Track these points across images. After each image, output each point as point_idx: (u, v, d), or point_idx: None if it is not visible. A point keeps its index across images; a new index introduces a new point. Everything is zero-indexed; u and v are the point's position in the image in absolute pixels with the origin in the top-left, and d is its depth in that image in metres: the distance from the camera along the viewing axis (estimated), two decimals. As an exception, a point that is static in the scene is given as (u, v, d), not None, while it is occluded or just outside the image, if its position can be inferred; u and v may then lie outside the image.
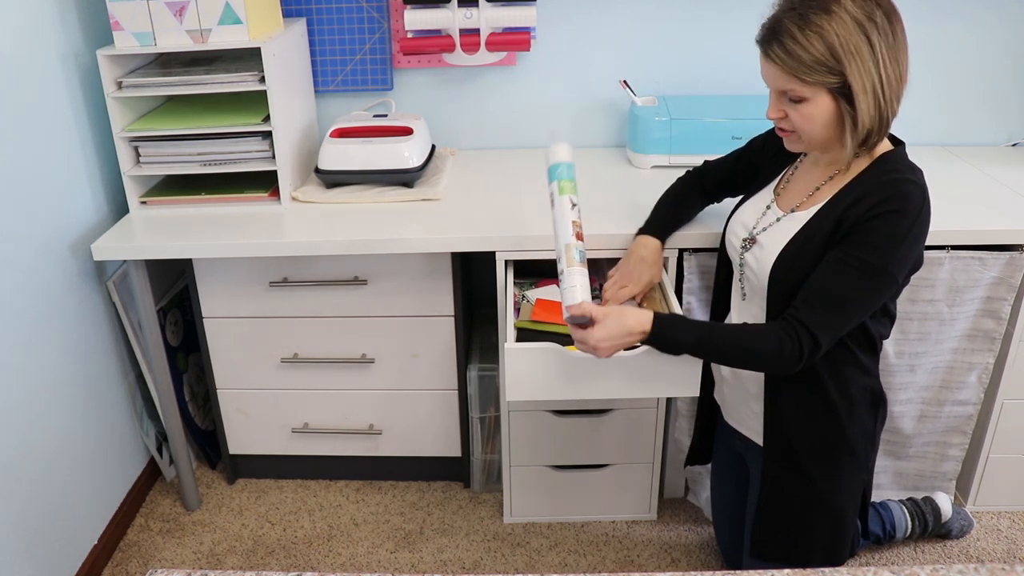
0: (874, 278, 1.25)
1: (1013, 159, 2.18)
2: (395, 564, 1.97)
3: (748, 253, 1.43)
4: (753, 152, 1.61)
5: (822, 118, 1.26)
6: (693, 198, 1.71)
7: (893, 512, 1.92)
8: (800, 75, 1.22)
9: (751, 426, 1.52)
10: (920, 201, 1.25)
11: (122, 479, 2.10)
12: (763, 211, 1.45)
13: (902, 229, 1.24)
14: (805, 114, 1.27)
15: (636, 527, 2.06)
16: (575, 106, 2.32)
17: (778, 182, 1.48)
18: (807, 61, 1.21)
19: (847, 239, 1.26)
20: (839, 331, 1.29)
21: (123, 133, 1.90)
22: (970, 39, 2.20)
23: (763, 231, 1.41)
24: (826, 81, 1.22)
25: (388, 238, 1.79)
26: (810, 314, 1.27)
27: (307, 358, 2.01)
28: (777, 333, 1.28)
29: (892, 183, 1.26)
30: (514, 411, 1.93)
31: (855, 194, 1.28)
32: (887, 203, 1.23)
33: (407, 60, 2.25)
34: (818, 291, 1.28)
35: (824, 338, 1.27)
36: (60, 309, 1.83)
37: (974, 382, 1.87)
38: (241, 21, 1.81)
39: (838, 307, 1.27)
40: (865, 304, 1.29)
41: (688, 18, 2.20)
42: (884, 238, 1.24)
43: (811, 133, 1.29)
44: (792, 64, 1.22)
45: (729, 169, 1.66)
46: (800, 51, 1.21)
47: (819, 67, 1.21)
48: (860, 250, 1.25)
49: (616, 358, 1.46)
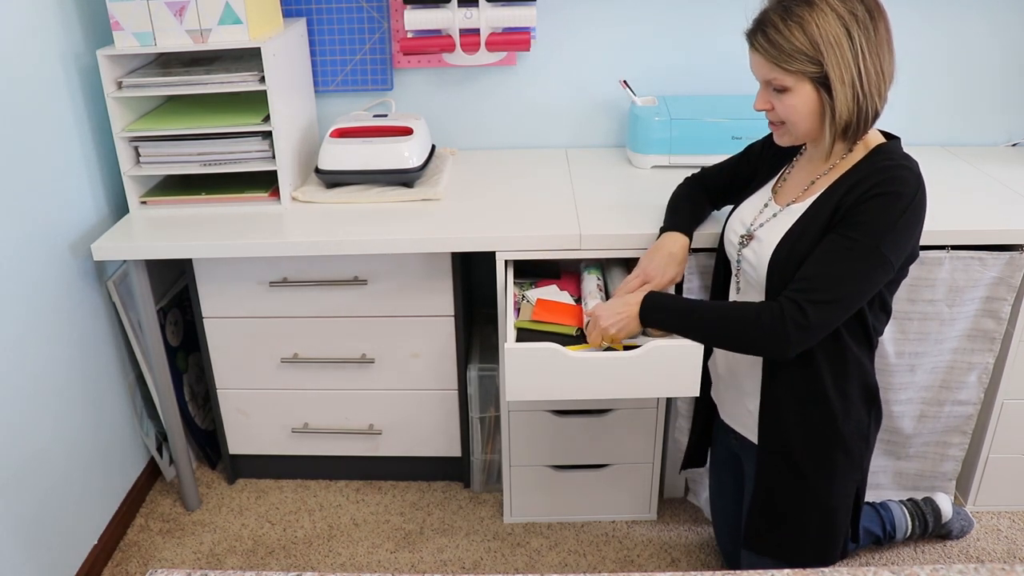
0: (866, 257, 1.27)
1: (1013, 159, 2.18)
2: (395, 564, 1.97)
3: (746, 249, 1.45)
4: (753, 156, 1.63)
5: (805, 108, 1.31)
6: (703, 200, 1.72)
7: (893, 512, 1.92)
8: (781, 63, 1.28)
9: (747, 424, 1.53)
10: (915, 185, 1.28)
11: (122, 479, 2.10)
12: (761, 209, 1.47)
13: (895, 211, 1.26)
14: (788, 104, 1.32)
15: (636, 527, 2.06)
16: (575, 106, 2.32)
17: (775, 181, 1.50)
18: (788, 50, 1.27)
19: (841, 222, 1.29)
20: (830, 308, 1.28)
21: (123, 133, 1.90)
22: (970, 39, 2.20)
23: (760, 227, 1.43)
24: (806, 70, 1.27)
25: (388, 238, 1.79)
26: (798, 288, 1.29)
27: (307, 358, 2.01)
28: (759, 305, 1.32)
29: (885, 168, 1.29)
30: (514, 411, 1.93)
31: (850, 182, 1.31)
32: (880, 186, 1.27)
33: (407, 60, 2.25)
34: (809, 269, 1.30)
35: (812, 312, 1.27)
36: (60, 309, 1.83)
37: (974, 382, 1.87)
38: (241, 21, 1.81)
39: (829, 282, 1.28)
40: (857, 283, 1.28)
41: (688, 18, 2.20)
42: (876, 218, 1.26)
43: (796, 123, 1.34)
44: (774, 53, 1.28)
45: (730, 176, 1.68)
46: (782, 40, 1.27)
47: (799, 56, 1.26)
48: (852, 230, 1.28)
49: (616, 358, 1.47)
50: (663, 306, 1.43)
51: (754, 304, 1.34)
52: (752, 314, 1.31)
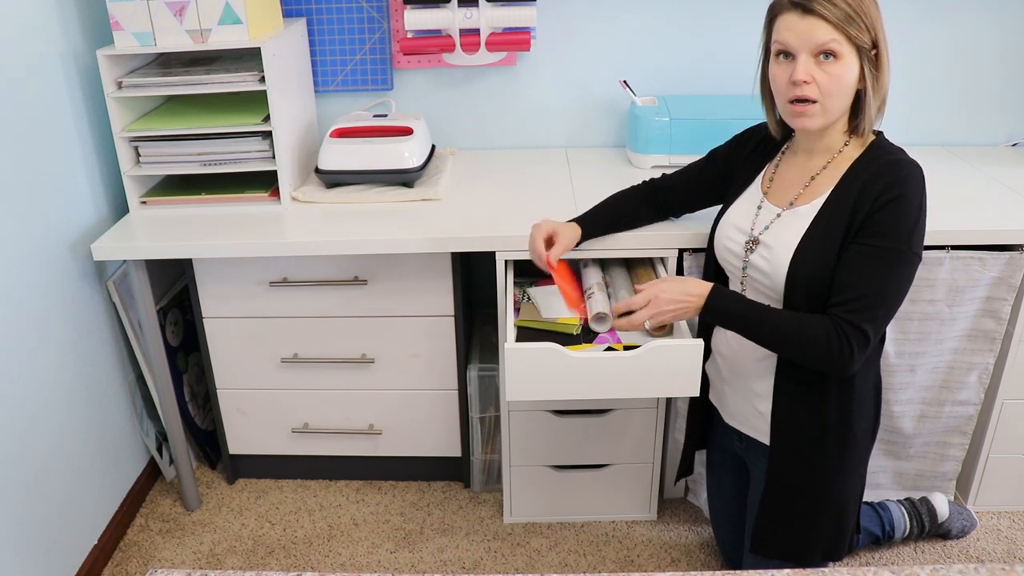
0: (901, 261, 1.29)
1: (1013, 159, 2.18)
2: (395, 564, 1.97)
3: (754, 255, 1.42)
4: (719, 161, 1.61)
5: (849, 80, 1.30)
6: (643, 211, 1.73)
7: (892, 512, 1.92)
8: (848, 27, 1.26)
9: (756, 425, 1.52)
10: (920, 178, 1.31)
11: (122, 479, 2.10)
12: (755, 211, 1.45)
13: (913, 210, 1.29)
14: (835, 75, 1.29)
15: (636, 527, 2.06)
16: (575, 106, 2.32)
17: (762, 179, 1.49)
18: (850, 15, 1.26)
19: (863, 231, 1.30)
20: (884, 322, 1.32)
21: (123, 133, 1.90)
22: (970, 39, 2.19)
23: (765, 230, 1.41)
24: (861, 39, 1.28)
25: (388, 238, 1.79)
26: (851, 309, 1.29)
27: (307, 358, 2.01)
28: (828, 329, 1.30)
29: (891, 166, 1.31)
30: (514, 411, 1.93)
31: (860, 181, 1.32)
32: (892, 188, 1.28)
33: (407, 60, 2.25)
34: (855, 288, 1.30)
35: (872, 331, 1.30)
36: (60, 309, 1.83)
37: (974, 382, 1.87)
38: (241, 21, 1.81)
39: (879, 298, 1.29)
40: (901, 289, 1.31)
41: (688, 18, 2.20)
42: (899, 222, 1.28)
43: (834, 99, 1.31)
44: (840, 15, 1.26)
45: (690, 186, 1.67)
46: (844, 5, 1.26)
47: (860, 22, 1.27)
48: (880, 239, 1.29)
49: (616, 358, 1.46)
50: (727, 310, 1.37)
51: (820, 326, 1.30)
52: (823, 339, 1.29)
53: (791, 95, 1.32)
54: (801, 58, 1.29)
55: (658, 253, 1.75)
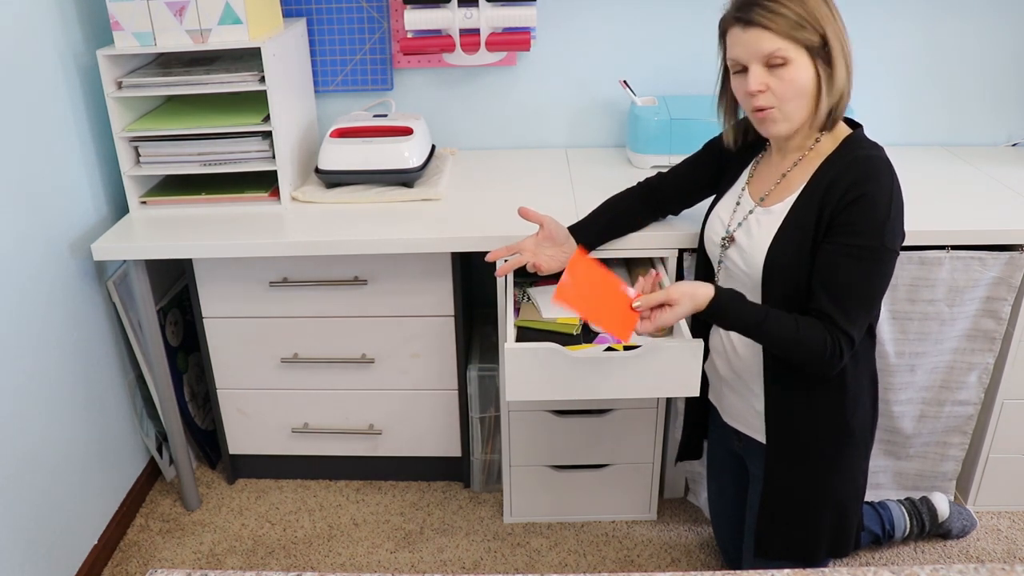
0: (876, 258, 1.29)
1: (1013, 159, 2.18)
2: (395, 564, 1.97)
3: (729, 251, 1.45)
4: (714, 153, 1.61)
5: (803, 82, 1.29)
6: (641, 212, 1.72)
7: (892, 512, 1.92)
8: (792, 32, 1.27)
9: (753, 425, 1.52)
10: (888, 172, 1.30)
11: (122, 479, 2.10)
12: (734, 206, 1.47)
13: (882, 204, 1.28)
14: (787, 79, 1.29)
15: (636, 527, 2.06)
16: (575, 106, 2.32)
17: (748, 174, 1.50)
18: (793, 20, 1.26)
19: (834, 230, 1.30)
20: (866, 320, 1.33)
21: (123, 133, 1.90)
22: (970, 39, 2.19)
23: (738, 227, 1.43)
24: (810, 40, 1.27)
25: (388, 238, 1.79)
26: (839, 313, 1.29)
27: (307, 358, 2.01)
28: (823, 333, 1.30)
29: (857, 161, 1.30)
30: (514, 411, 1.93)
31: (827, 179, 1.31)
32: (858, 185, 1.28)
33: (407, 60, 2.25)
34: (832, 289, 1.30)
35: (855, 332, 1.31)
36: (60, 309, 1.83)
37: (974, 382, 1.87)
38: (241, 21, 1.81)
39: (861, 297, 1.30)
40: (879, 287, 1.32)
41: (688, 18, 2.20)
42: (868, 219, 1.27)
43: (792, 103, 1.31)
44: (780, 23, 1.26)
45: (686, 181, 1.67)
46: (784, 10, 1.27)
47: (804, 24, 1.26)
48: (852, 238, 1.28)
49: (616, 358, 1.46)
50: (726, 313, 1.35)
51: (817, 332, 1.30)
52: (819, 347, 1.29)
53: (750, 106, 1.35)
54: (752, 69, 1.31)
55: (658, 253, 1.75)
